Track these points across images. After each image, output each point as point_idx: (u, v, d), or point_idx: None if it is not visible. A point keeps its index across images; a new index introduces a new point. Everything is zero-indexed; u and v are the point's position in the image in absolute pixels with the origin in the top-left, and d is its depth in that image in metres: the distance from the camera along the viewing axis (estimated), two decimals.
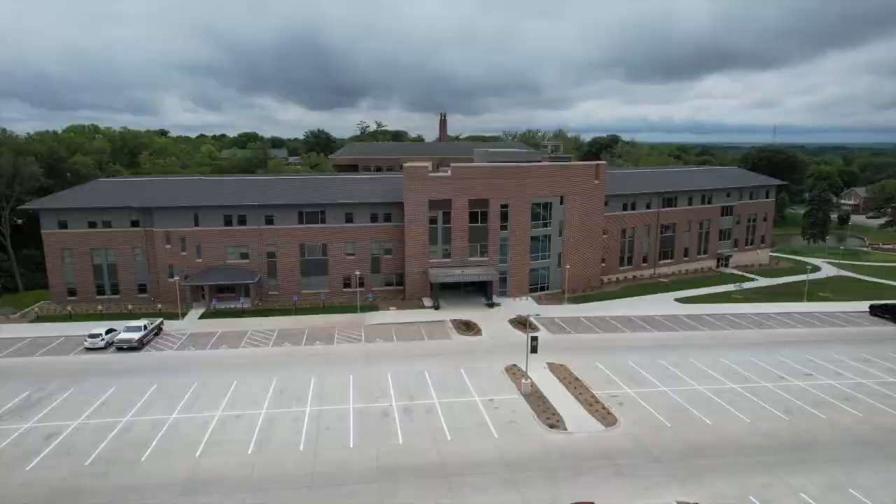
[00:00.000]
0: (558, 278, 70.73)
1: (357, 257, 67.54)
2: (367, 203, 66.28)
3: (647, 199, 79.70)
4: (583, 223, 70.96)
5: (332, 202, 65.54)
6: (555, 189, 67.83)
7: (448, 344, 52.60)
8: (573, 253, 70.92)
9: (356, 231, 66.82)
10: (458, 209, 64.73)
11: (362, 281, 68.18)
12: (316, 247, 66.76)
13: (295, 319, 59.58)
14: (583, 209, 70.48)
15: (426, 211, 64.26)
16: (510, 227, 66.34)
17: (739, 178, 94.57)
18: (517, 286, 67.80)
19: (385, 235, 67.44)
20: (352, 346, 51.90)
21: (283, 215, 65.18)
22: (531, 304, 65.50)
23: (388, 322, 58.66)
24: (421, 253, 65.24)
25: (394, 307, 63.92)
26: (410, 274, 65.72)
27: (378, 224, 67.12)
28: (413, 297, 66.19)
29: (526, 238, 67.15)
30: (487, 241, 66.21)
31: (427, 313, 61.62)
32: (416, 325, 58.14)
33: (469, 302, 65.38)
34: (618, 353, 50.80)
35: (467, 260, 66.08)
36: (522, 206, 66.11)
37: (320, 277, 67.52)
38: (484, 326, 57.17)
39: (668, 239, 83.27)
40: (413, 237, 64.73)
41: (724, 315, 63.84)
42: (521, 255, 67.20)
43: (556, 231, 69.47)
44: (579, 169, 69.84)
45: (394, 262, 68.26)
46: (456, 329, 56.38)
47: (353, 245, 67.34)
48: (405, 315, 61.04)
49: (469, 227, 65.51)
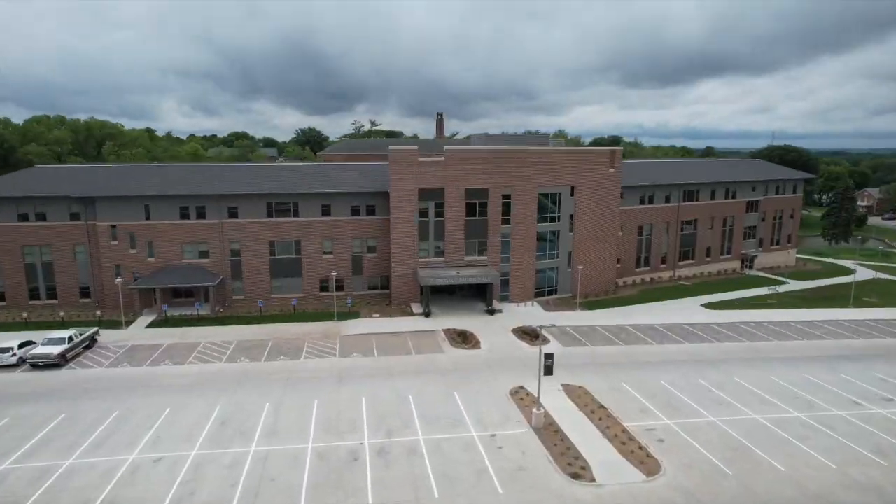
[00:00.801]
0: (568, 281, 61.63)
1: (336, 256, 58.37)
2: (347, 193, 57.15)
3: (666, 192, 70.74)
4: (596, 217, 61.94)
5: (306, 191, 56.39)
6: (564, 178, 58.78)
7: (440, 359, 43.39)
8: (585, 252, 61.86)
9: (334, 225, 57.68)
10: (452, 200, 55.65)
11: (342, 284, 58.97)
12: (288, 244, 57.57)
13: (260, 329, 50.33)
14: (596, 201, 61.47)
15: (415, 202, 55.15)
16: (513, 221, 57.24)
17: (764, 170, 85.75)
18: (521, 290, 58.67)
19: (368, 231, 58.32)
20: (322, 363, 42.66)
21: (249, 207, 56.01)
22: (538, 311, 56.39)
23: (368, 332, 49.47)
24: (409, 251, 56.10)
25: (377, 314, 54.72)
26: (397, 276, 56.57)
27: (360, 218, 58.00)
28: (400, 303, 57.00)
29: (531, 234, 58.06)
30: (487, 237, 57.09)
31: (416, 322, 52.43)
32: (401, 335, 48.94)
33: (465, 308, 56.22)
34: (646, 370, 41.66)
35: (463, 259, 56.99)
36: (527, 196, 57.04)
37: (293, 280, 58.30)
38: (483, 338, 48.01)
39: (689, 237, 74.30)
40: (400, 233, 55.61)
41: (762, 323, 54.77)
42: (525, 253, 58.09)
43: (566, 226, 60.41)
44: (592, 155, 60.81)
45: (378, 263, 59.15)
46: (449, 341, 47.20)
47: (331, 242, 58.17)
48: (390, 324, 51.84)
49: (465, 222, 56.41)
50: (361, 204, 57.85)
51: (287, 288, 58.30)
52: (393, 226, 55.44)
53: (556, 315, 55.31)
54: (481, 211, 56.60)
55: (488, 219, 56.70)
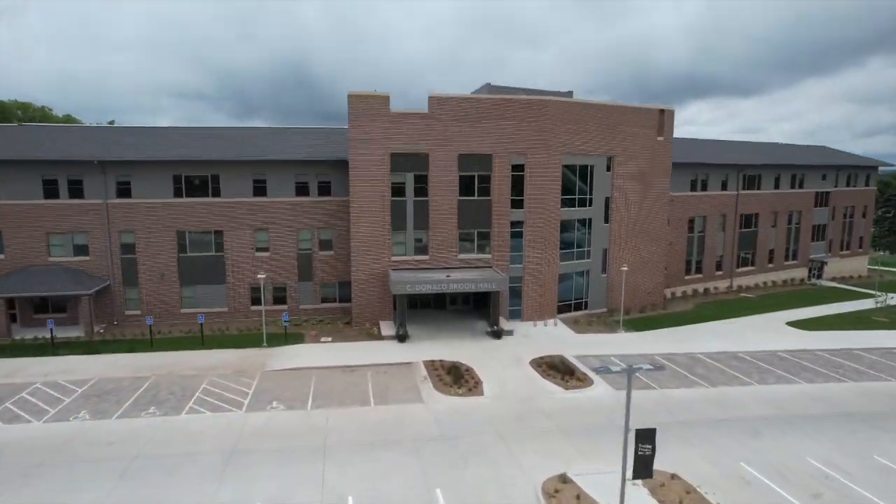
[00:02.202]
0: (603, 290, 44.42)
1: (274, 254, 41.03)
2: (290, 163, 40.04)
3: (722, 175, 53.94)
4: (641, 202, 45.01)
5: (230, 159, 39.26)
6: (599, 144, 41.91)
7: (416, 415, 25.87)
8: (626, 250, 44.77)
9: (272, 210, 40.47)
10: (441, 171, 38.60)
11: (283, 294, 41.53)
12: (204, 236, 40.24)
13: (147, 360, 32.72)
14: (641, 180, 44.61)
15: (387, 173, 38.05)
16: (528, 203, 40.12)
17: (830, 156, 69.29)
18: (539, 303, 41.33)
19: (320, 217, 41.11)
20: (215, 421, 25.04)
21: (147, 181, 38.76)
22: (564, 332, 39.05)
23: (307, 366, 31.89)
24: (377, 246, 38.83)
25: (328, 337, 37.17)
26: (359, 282, 39.17)
27: (309, 199, 40.83)
28: (364, 321, 39.51)
29: (553, 223, 40.94)
30: (490, 226, 39.94)
31: (384, 349, 34.96)
32: (359, 371, 31.41)
33: (459, 329, 38.86)
34: (769, 434, 24.30)
35: (456, 258, 39.76)
36: (548, 169, 40.03)
37: (213, 288, 40.82)
38: (486, 375, 30.56)
39: (749, 237, 57.41)
40: (363, 219, 38.38)
41: (893, 350, 37.64)
42: (545, 251, 40.86)
43: (601, 214, 43.37)
44: (636, 114, 43.93)
45: (336, 264, 41.81)
46: (434, 380, 29.69)
47: (266, 234, 40.89)
48: (344, 352, 34.31)
49: (459, 203, 39.29)
50: (311, 178, 40.70)
51: (204, 299, 40.77)
52: (354, 208, 38.22)
53: (592, 339, 37.96)
54: (482, 188, 39.53)
55: (492, 199, 39.57)
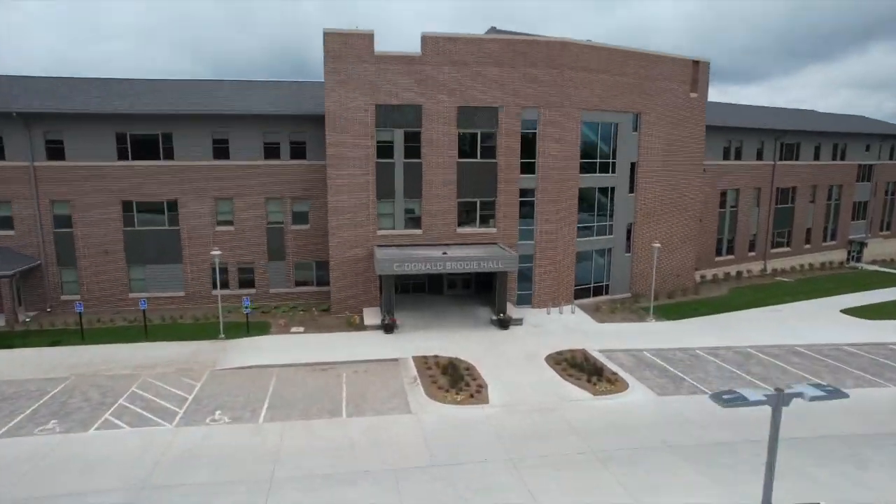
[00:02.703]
0: (627, 272, 38.08)
1: (239, 229, 34.65)
2: (257, 118, 33.51)
3: (757, 142, 47.34)
4: (672, 169, 38.56)
5: (185, 112, 32.71)
6: (624, 98, 35.33)
7: (400, 431, 19.60)
8: (654, 225, 38.40)
9: (236, 176, 34.02)
10: (436, 127, 32.06)
11: (250, 276, 35.26)
12: (155, 207, 33.83)
13: (71, 355, 26.46)
14: (672, 143, 38.13)
15: (371, 129, 31.52)
16: (540, 167, 33.61)
17: (873, 126, 62.53)
18: (553, 286, 34.98)
19: (294, 184, 34.67)
20: (133, 440, 18.78)
21: (83, 139, 32.26)
22: (583, 321, 32.76)
23: (268, 363, 25.61)
24: (360, 218, 32.40)
25: (300, 326, 30.88)
26: (338, 261, 32.78)
27: (281, 163, 34.36)
28: (345, 309, 33.17)
29: (570, 192, 34.45)
30: (496, 194, 33.46)
31: (366, 341, 28.66)
32: (332, 370, 25.14)
33: (457, 317, 32.58)
34: (877, 459, 18.09)
35: (455, 233, 33.35)
36: (565, 125, 33.46)
37: (166, 269, 34.49)
38: (491, 375, 24.27)
39: (785, 213, 50.98)
40: (342, 185, 31.91)
41: None
42: (561, 225, 34.42)
43: (625, 182, 36.89)
44: (667, 64, 37.19)
45: (312, 240, 35.44)
46: (426, 382, 23.39)
47: (229, 204, 34.47)
48: (316, 345, 28.02)
49: (458, 167, 32.80)
50: (282, 138, 34.19)
51: (157, 282, 34.46)
52: (331, 172, 31.74)
53: (617, 329, 31.67)
54: (486, 149, 33.01)
55: (498, 162, 33.05)
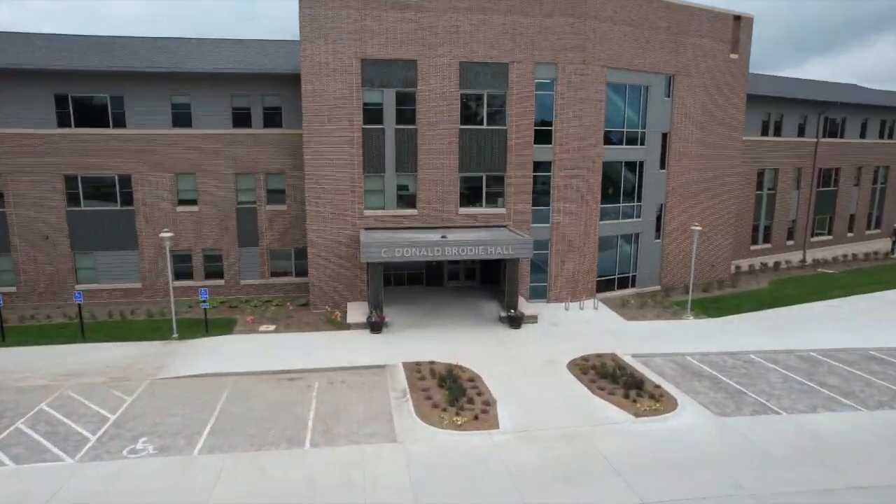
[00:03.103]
0: (657, 260, 32.93)
1: (205, 210, 29.60)
2: (223, 77, 28.36)
3: (799, 116, 41.91)
4: (709, 142, 33.33)
5: (138, 70, 27.62)
6: (656, 55, 30.05)
7: (380, 469, 14.55)
8: (689, 206, 33.21)
9: (201, 147, 28.93)
10: (433, 86, 26.86)
11: (217, 265, 30.29)
12: (105, 183, 28.83)
13: None
14: (708, 112, 32.88)
15: (355, 90, 26.35)
16: (558, 135, 28.38)
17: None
18: (573, 277, 29.80)
19: (269, 157, 29.56)
20: (14, 483, 13.84)
21: (15, 102, 27.20)
22: (609, 318, 27.60)
23: (223, 371, 20.60)
24: (343, 196, 27.27)
25: (271, 324, 25.83)
26: (318, 247, 27.69)
27: (253, 132, 29.26)
28: (325, 302, 28.09)
29: (593, 165, 29.20)
30: (505, 167, 28.26)
31: (348, 343, 23.59)
32: (301, 380, 20.10)
33: (460, 313, 27.44)
34: None
35: (456, 214, 28.20)
36: (587, 85, 28.19)
37: (120, 256, 29.51)
38: (501, 389, 19.17)
39: (827, 198, 45.60)
40: (321, 156, 26.78)
41: None
42: (581, 205, 29.20)
43: (656, 156, 31.65)
44: (706, 19, 31.73)
45: (291, 222, 30.39)
46: (418, 398, 18.32)
47: (192, 180, 29.41)
48: (287, 348, 22.96)
49: (461, 135, 27.58)
50: (254, 102, 29.08)
51: (109, 271, 29.50)
52: (308, 141, 26.61)
53: (651, 329, 26.52)
54: (494, 114, 27.81)
55: (508, 130, 27.86)
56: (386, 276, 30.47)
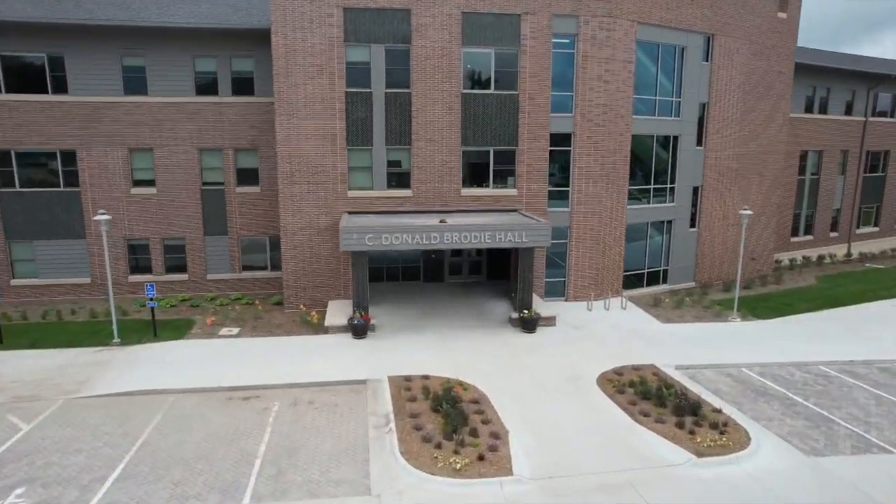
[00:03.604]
0: (692, 252, 28.38)
1: (165, 192, 25.22)
2: (184, 34, 23.96)
3: (846, 92, 37.20)
4: (751, 116, 28.76)
5: (81, 22, 23.27)
6: (693, 11, 25.45)
7: None
8: (729, 189, 28.66)
9: (159, 117, 24.55)
10: (430, 42, 22.40)
11: (179, 257, 25.96)
12: (45, 159, 24.51)
13: None
14: (753, 80, 28.31)
15: (337, 46, 21.92)
16: (579, 101, 23.82)
17: None
18: (596, 271, 25.24)
19: (239, 130, 25.13)
20: None
21: None
22: (640, 319, 23.06)
23: (161, 388, 16.27)
24: (323, 174, 22.83)
25: (234, 327, 21.45)
26: (293, 235, 23.26)
27: (219, 100, 24.84)
28: (301, 300, 23.67)
29: (621, 139, 24.63)
30: (516, 141, 23.73)
31: (325, 349, 19.18)
32: (256, 399, 15.74)
33: (462, 314, 22.96)
34: None
35: (459, 195, 23.68)
36: (614, 41, 23.63)
37: (64, 246, 25.23)
38: (515, 416, 14.72)
39: (875, 184, 40.87)
40: (296, 126, 22.36)
41: None
42: (606, 184, 24.62)
43: (691, 129, 27.06)
44: None
45: (266, 207, 25.98)
46: (405, 428, 13.93)
47: (149, 157, 25.04)
48: (247, 356, 18.55)
49: (464, 101, 23.06)
50: (221, 65, 24.69)
51: (52, 264, 25.22)
52: (281, 109, 22.20)
53: (692, 333, 21.98)
54: (503, 76, 23.29)
55: (520, 95, 23.35)
56: (376, 271, 26.09)
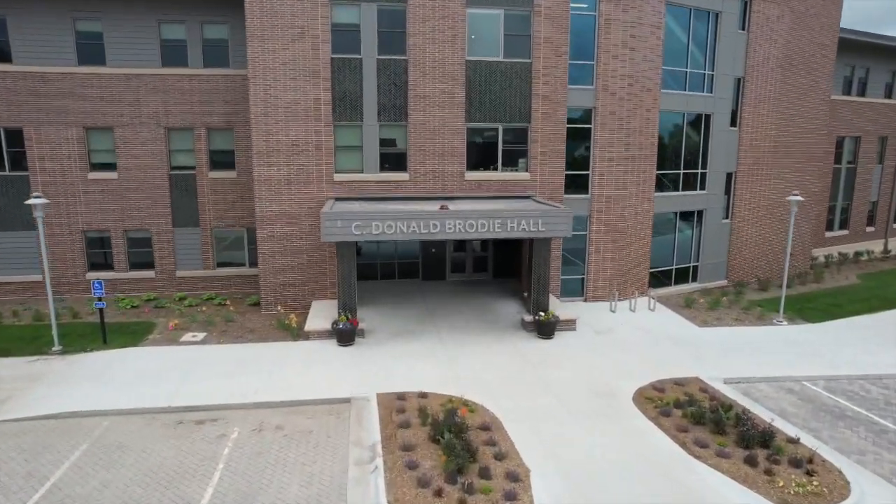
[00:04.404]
0: (724, 247, 25.22)
1: (127, 177, 22.11)
2: None
3: (886, 72, 34.02)
4: (790, 94, 25.63)
5: None
6: None
7: None
8: (765, 176, 25.53)
9: (119, 92, 21.44)
10: (428, 0, 19.31)
11: (148, 251, 22.85)
12: None
13: None
14: (793, 51, 25.18)
15: (320, 4, 18.82)
16: (601, 71, 20.70)
17: None
18: (620, 267, 22.11)
19: (211, 106, 21.99)
20: None
21: None
22: (672, 322, 19.91)
23: (95, 409, 13.19)
24: (304, 155, 19.71)
25: (199, 332, 18.35)
26: (270, 225, 20.14)
27: (189, 72, 21.71)
28: (279, 301, 20.56)
29: (647, 116, 21.50)
30: (529, 116, 20.60)
31: (304, 359, 16.06)
32: (212, 424, 12.63)
33: (466, 316, 19.82)
34: None
35: (462, 180, 20.54)
36: (640, 3, 20.54)
37: (12, 239, 22.16)
38: (534, 443, 11.56)
39: None
40: (273, 99, 19.25)
41: None
42: (632, 168, 21.50)
43: (726, 106, 23.88)
44: None
45: (241, 194, 22.85)
46: (396, 463, 10.83)
47: (109, 137, 21.95)
48: (211, 368, 15.45)
49: (468, 70, 19.94)
50: (190, 31, 21.55)
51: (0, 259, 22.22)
52: (255, 79, 19.10)
53: (733, 337, 18.80)
54: (514, 42, 20.13)
55: (533, 64, 20.20)
56: (368, 268, 23.01)
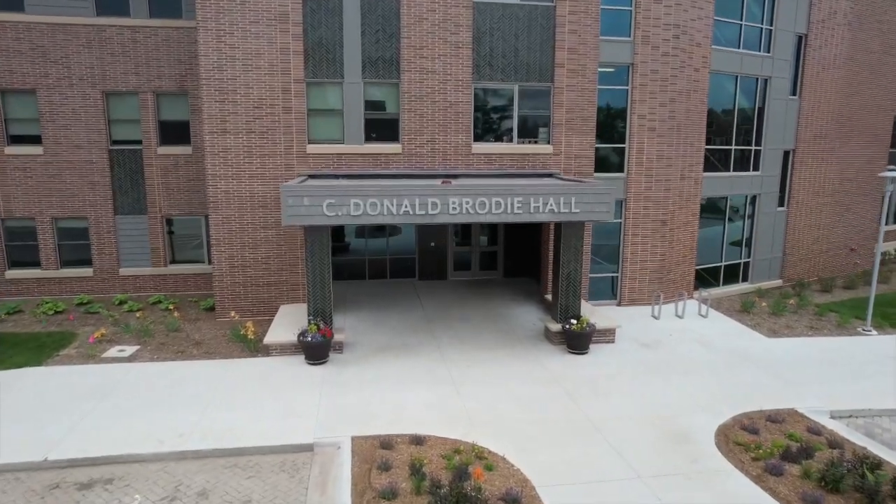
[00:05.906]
0: (780, 240, 21.21)
1: (56, 153, 18.02)
2: None
3: None
4: (858, 59, 21.69)
5: None
6: None
7: None
8: (828, 156, 21.56)
9: (44, 46, 17.34)
10: None
11: (85, 245, 18.71)
12: None
13: None
14: (862, 5, 21.26)
15: None
16: (639, 21, 16.72)
17: None
18: (663, 264, 18.07)
19: (159, 66, 17.89)
20: None
21: None
22: (732, 330, 15.87)
23: None
24: (268, 121, 15.66)
25: (132, 344, 14.29)
26: (227, 209, 16.07)
27: (132, 23, 17.62)
28: (235, 305, 16.48)
29: (694, 77, 17.50)
30: (551, 75, 16.57)
31: (258, 383, 11.99)
32: (105, 486, 8.53)
33: (472, 324, 15.77)
34: None
35: (468, 151, 16.50)
36: None
37: None
38: None
39: None
40: (229, 50, 15.21)
41: None
42: (677, 141, 17.50)
43: (785, 71, 19.87)
44: None
45: (198, 174, 18.77)
46: None
47: (34, 103, 17.88)
48: (132, 397, 11.37)
49: (476, 10, 15.92)
50: None
51: None
52: (204, 25, 15.06)
53: (817, 350, 14.75)
54: None
55: (556, 6, 16.21)
56: (353, 264, 18.99)
